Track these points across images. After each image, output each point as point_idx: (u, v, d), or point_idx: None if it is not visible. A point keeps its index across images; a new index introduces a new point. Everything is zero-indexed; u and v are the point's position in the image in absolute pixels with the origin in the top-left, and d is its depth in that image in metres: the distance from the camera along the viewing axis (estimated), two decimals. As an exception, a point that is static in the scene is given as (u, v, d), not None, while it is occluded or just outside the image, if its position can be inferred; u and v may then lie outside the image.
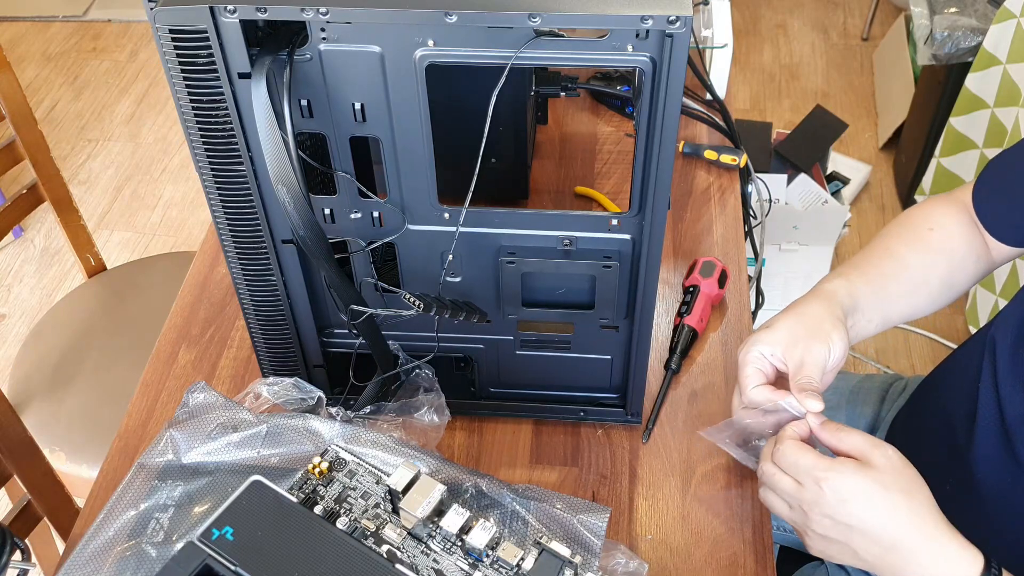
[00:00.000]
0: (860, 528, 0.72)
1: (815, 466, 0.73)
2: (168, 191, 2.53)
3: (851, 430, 0.75)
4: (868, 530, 0.71)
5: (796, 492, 0.74)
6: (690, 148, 1.20)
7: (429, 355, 0.86)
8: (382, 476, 0.74)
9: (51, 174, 1.43)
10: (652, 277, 0.78)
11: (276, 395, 0.83)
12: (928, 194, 2.22)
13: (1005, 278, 1.88)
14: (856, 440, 0.74)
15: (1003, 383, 0.85)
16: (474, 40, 0.65)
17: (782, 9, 3.08)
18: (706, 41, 1.26)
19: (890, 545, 0.71)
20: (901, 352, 2.08)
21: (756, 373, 0.81)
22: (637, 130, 0.69)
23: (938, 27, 1.98)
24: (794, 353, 0.80)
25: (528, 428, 0.94)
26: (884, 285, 0.89)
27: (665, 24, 0.61)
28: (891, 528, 0.71)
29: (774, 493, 0.78)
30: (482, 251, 0.79)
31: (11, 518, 1.15)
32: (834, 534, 0.73)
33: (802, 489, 0.74)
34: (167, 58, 0.66)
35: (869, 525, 0.71)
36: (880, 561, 0.73)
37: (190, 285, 1.10)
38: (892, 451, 0.73)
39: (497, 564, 0.68)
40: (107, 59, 2.98)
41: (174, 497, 0.77)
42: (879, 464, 0.72)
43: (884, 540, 0.71)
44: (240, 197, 0.75)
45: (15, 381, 1.41)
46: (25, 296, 2.28)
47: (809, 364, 0.79)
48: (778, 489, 0.77)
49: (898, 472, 0.72)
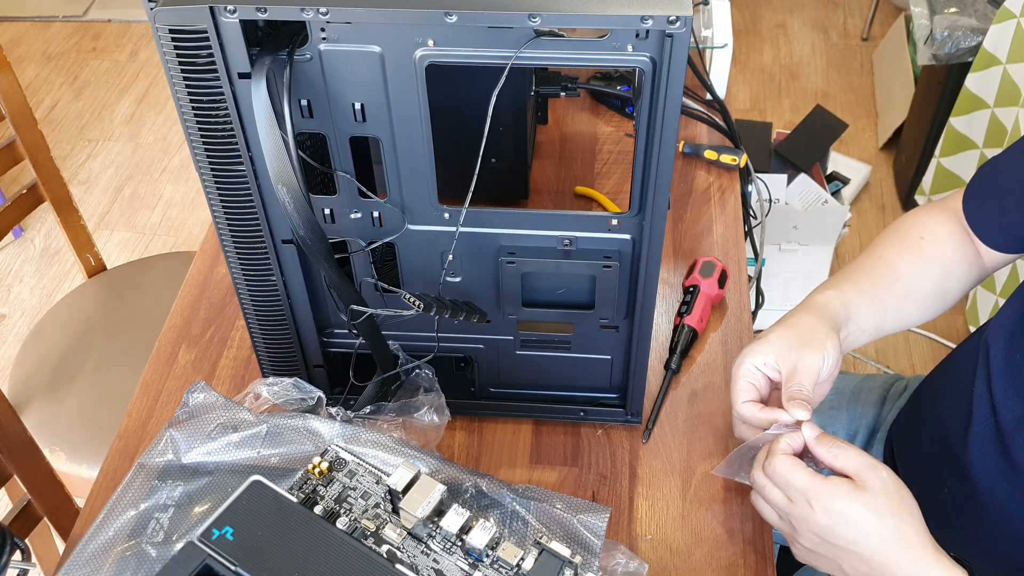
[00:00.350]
0: (848, 549, 0.72)
1: (807, 487, 0.73)
2: (168, 191, 2.53)
3: (847, 447, 0.75)
4: (856, 552, 0.72)
5: (786, 506, 0.75)
6: (690, 148, 1.20)
7: (429, 355, 0.86)
8: (382, 476, 0.74)
9: (51, 174, 1.43)
10: (652, 277, 0.78)
11: (276, 395, 0.83)
12: (928, 194, 2.22)
13: (1005, 278, 1.88)
14: (852, 459, 0.74)
15: (997, 387, 0.85)
16: (474, 40, 0.65)
17: (782, 9, 3.08)
18: (706, 41, 1.26)
19: (877, 566, 0.72)
20: (901, 352, 2.08)
21: (747, 387, 0.82)
22: (637, 130, 0.69)
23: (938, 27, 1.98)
24: (787, 360, 0.80)
25: (528, 428, 0.94)
26: (877, 295, 0.89)
27: (665, 24, 0.61)
28: (880, 551, 0.71)
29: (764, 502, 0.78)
30: (482, 251, 0.79)
31: (11, 518, 1.15)
32: (822, 551, 0.74)
33: (792, 505, 0.74)
34: (167, 58, 0.66)
35: (857, 547, 0.72)
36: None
37: (190, 285, 1.10)
38: (887, 473, 0.73)
39: (497, 564, 0.68)
40: (107, 59, 2.98)
41: (174, 497, 0.77)
42: (872, 486, 0.72)
43: (871, 561, 0.72)
44: (240, 197, 0.75)
45: (15, 381, 1.41)
46: (25, 296, 2.28)
47: (802, 372, 0.79)
48: (769, 501, 0.77)
49: (890, 495, 0.72)
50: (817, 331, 0.81)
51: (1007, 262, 0.95)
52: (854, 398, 1.14)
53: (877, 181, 2.45)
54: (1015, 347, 0.84)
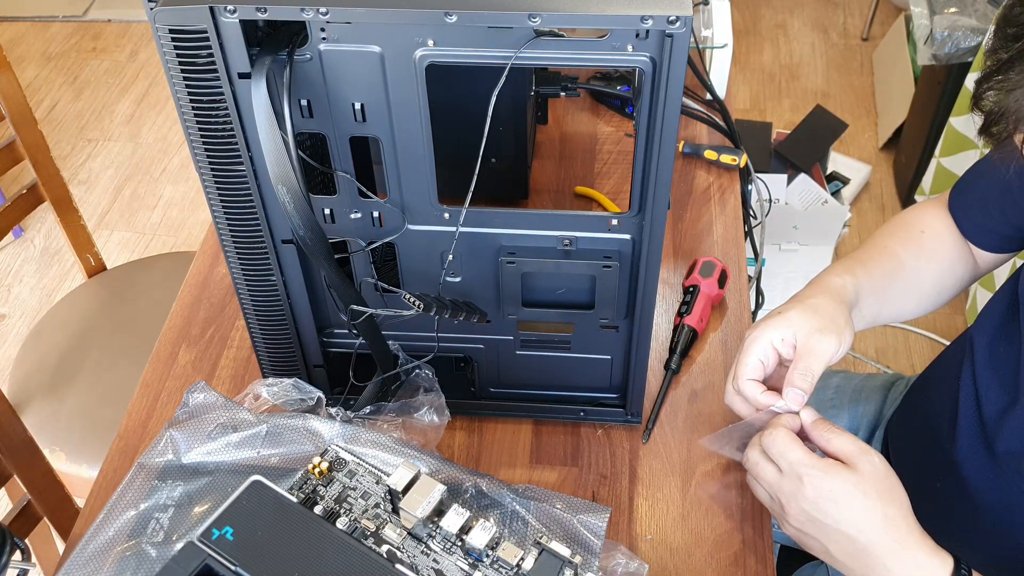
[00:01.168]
0: (835, 528, 0.73)
1: (800, 461, 0.74)
2: (168, 191, 2.53)
3: (841, 432, 0.76)
4: (843, 531, 0.72)
5: (777, 483, 0.75)
6: (690, 148, 1.20)
7: (429, 355, 0.86)
8: (382, 476, 0.74)
9: (51, 174, 1.43)
10: (652, 277, 0.78)
11: (275, 396, 0.83)
12: (928, 194, 2.22)
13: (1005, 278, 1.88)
14: (845, 443, 0.74)
15: (981, 380, 0.85)
16: (474, 40, 0.65)
17: (782, 9, 3.08)
18: (706, 41, 1.26)
19: (862, 547, 0.72)
20: (901, 352, 2.08)
21: (756, 365, 0.81)
22: (637, 130, 0.69)
23: (938, 27, 1.98)
24: (805, 341, 0.80)
25: (528, 428, 0.94)
26: (882, 284, 0.89)
27: (665, 24, 0.61)
28: (865, 531, 0.72)
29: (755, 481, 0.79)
30: (482, 251, 0.79)
31: (11, 518, 1.15)
32: (809, 529, 0.74)
33: (783, 481, 0.75)
34: (167, 58, 0.66)
35: (844, 526, 0.72)
36: (851, 561, 0.74)
37: (190, 285, 1.10)
38: (879, 459, 0.74)
39: (497, 564, 0.68)
40: (107, 59, 2.98)
41: (174, 497, 0.77)
42: (863, 469, 0.73)
43: (857, 541, 0.72)
44: (240, 197, 0.75)
45: (15, 381, 1.41)
46: (25, 296, 2.28)
47: (816, 356, 0.79)
48: (760, 477, 0.77)
49: (880, 479, 0.73)
50: (837, 318, 0.81)
51: (1000, 262, 0.95)
52: (856, 397, 1.14)
53: (877, 181, 2.45)
54: (1000, 340, 0.84)
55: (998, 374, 0.84)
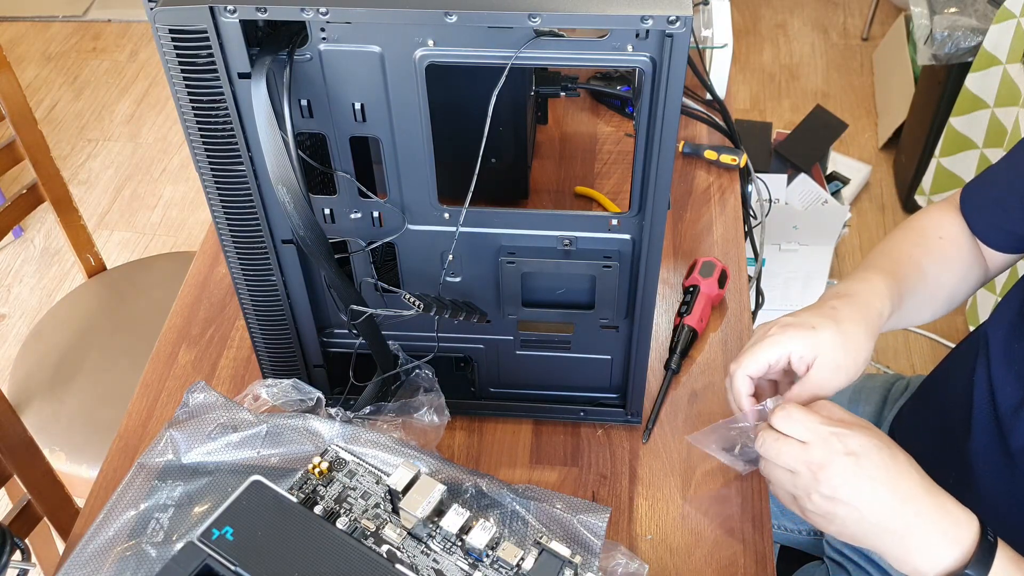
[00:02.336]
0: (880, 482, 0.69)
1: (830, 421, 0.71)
2: (168, 191, 2.53)
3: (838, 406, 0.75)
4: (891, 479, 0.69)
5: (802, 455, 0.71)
6: (690, 148, 1.20)
7: (429, 355, 0.86)
8: (382, 476, 0.74)
9: (51, 174, 1.43)
10: (652, 277, 0.78)
11: (275, 397, 0.83)
12: (928, 194, 2.22)
13: (1005, 278, 1.89)
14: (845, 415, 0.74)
15: (996, 375, 0.85)
16: (474, 40, 0.65)
17: (782, 9, 3.08)
18: (706, 41, 1.26)
19: (904, 496, 0.69)
20: (901, 352, 2.08)
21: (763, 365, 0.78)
22: (637, 130, 0.69)
23: (938, 27, 1.98)
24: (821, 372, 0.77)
25: (528, 428, 0.94)
26: (907, 298, 0.87)
27: (665, 24, 0.61)
28: (910, 476, 0.70)
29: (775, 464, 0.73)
30: (482, 251, 0.79)
31: (11, 518, 1.15)
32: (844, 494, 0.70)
33: (810, 450, 0.70)
34: (167, 58, 0.66)
35: (891, 474, 0.70)
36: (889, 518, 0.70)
37: (190, 285, 1.10)
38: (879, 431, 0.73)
39: (497, 564, 0.68)
40: (107, 59, 2.98)
41: (174, 497, 0.77)
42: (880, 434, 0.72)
43: (898, 491, 0.69)
44: (240, 197, 0.75)
45: (15, 381, 1.41)
46: (25, 296, 2.28)
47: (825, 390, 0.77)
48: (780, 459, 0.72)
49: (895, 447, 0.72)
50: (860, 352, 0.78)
51: (1008, 263, 0.95)
52: (855, 397, 1.14)
53: (877, 181, 2.45)
54: (1015, 336, 0.84)
55: (1013, 369, 0.83)
